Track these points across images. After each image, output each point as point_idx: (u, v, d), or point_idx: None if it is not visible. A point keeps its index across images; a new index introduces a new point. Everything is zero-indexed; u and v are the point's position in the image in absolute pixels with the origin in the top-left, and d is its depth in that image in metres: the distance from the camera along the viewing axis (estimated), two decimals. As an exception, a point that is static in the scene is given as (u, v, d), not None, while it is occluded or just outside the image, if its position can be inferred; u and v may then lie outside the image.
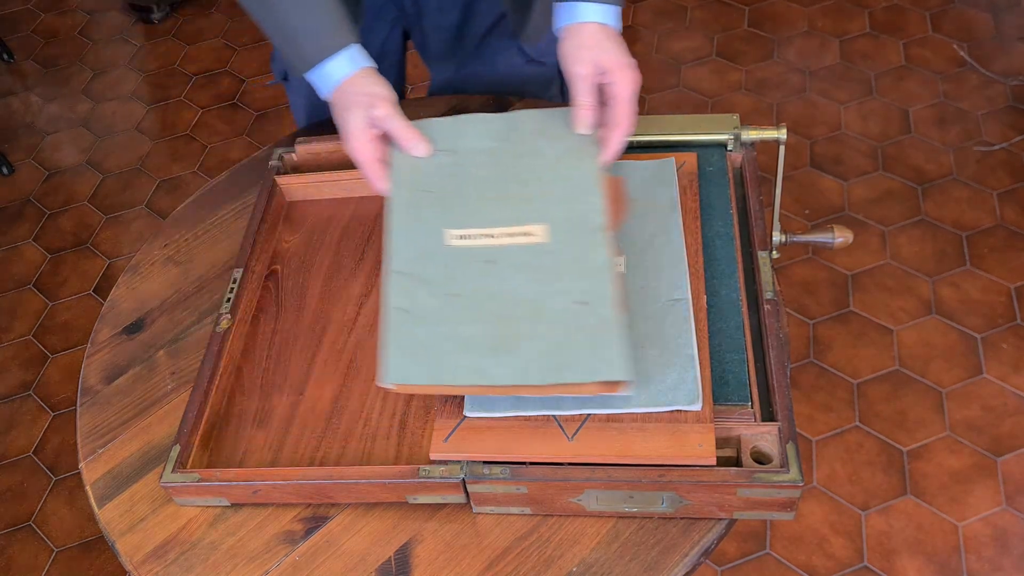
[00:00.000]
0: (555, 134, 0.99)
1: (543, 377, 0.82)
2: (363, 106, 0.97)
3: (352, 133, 0.97)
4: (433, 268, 0.91)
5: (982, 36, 2.52)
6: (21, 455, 1.94)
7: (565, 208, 0.93)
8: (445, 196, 0.97)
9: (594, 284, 0.87)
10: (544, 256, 0.90)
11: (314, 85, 1.01)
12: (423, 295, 0.89)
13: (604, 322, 0.85)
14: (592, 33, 0.97)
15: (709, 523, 0.87)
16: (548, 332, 0.85)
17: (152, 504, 0.93)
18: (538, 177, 0.96)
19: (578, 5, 0.98)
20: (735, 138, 1.08)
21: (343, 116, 0.98)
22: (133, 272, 1.16)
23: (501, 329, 0.86)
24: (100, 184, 2.47)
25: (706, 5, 2.71)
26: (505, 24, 1.24)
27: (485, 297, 0.89)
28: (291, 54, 1.01)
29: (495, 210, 0.95)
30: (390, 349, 0.86)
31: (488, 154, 0.99)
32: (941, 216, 2.12)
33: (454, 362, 0.85)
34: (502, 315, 0.87)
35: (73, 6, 3.05)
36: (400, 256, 0.93)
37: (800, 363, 1.90)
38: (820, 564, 1.64)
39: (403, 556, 0.87)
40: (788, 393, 0.87)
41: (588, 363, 0.83)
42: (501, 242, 0.92)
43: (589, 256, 0.89)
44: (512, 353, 0.84)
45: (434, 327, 0.87)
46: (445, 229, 0.94)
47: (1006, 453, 1.74)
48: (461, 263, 0.91)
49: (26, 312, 2.19)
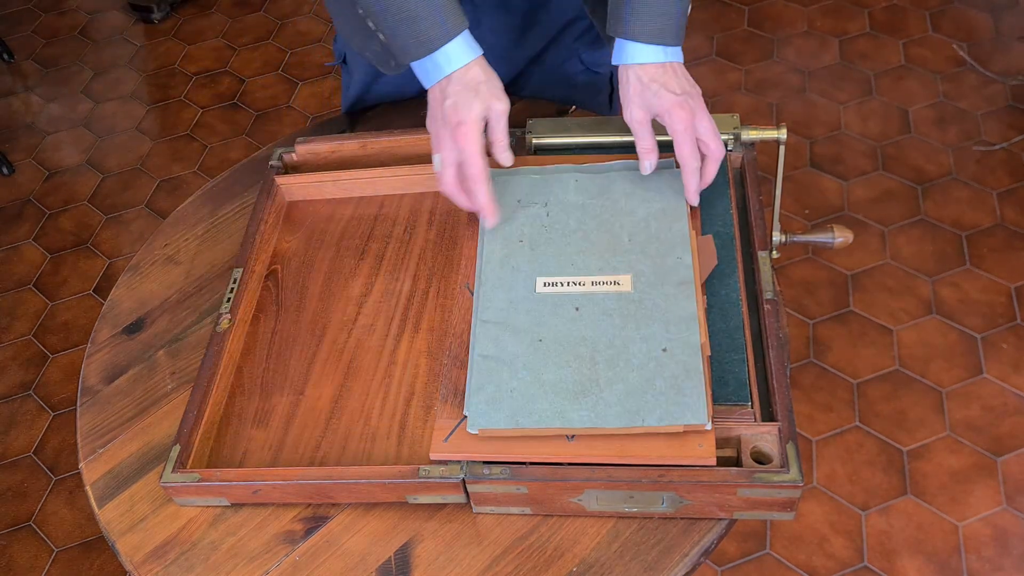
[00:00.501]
0: (646, 196, 1.02)
1: (623, 421, 0.84)
2: (486, 97, 0.95)
3: (470, 121, 0.95)
4: (521, 315, 0.94)
5: (982, 36, 2.52)
6: (21, 455, 1.94)
7: (654, 262, 0.96)
8: (537, 246, 0.99)
9: (679, 332, 0.89)
10: (630, 304, 0.93)
11: (422, 72, 0.98)
12: (509, 341, 0.91)
13: (685, 369, 0.86)
14: (636, 78, 0.98)
15: (709, 523, 0.87)
16: (630, 377, 0.87)
17: (152, 504, 0.93)
18: (629, 233, 0.99)
19: (628, 44, 0.98)
20: (735, 138, 1.08)
21: (463, 99, 0.95)
22: (133, 272, 1.16)
23: (583, 374, 0.88)
24: (100, 184, 2.47)
25: (706, 5, 2.71)
26: (570, 31, 1.24)
27: (569, 342, 0.91)
28: (407, 39, 0.96)
29: (585, 261, 0.97)
30: (474, 397, 0.88)
31: (580, 208, 1.02)
32: (941, 216, 2.12)
33: (536, 407, 0.86)
34: (585, 360, 0.89)
35: (73, 6, 3.05)
36: (489, 306, 0.95)
37: (800, 363, 1.91)
38: (820, 564, 1.64)
39: (403, 556, 0.87)
40: (788, 393, 0.87)
41: (668, 409, 0.84)
42: (588, 290, 0.95)
43: (675, 306, 0.91)
44: (593, 397, 0.86)
45: (518, 372, 0.89)
46: (536, 277, 0.97)
47: (1006, 453, 1.74)
48: (548, 309, 0.94)
49: (26, 312, 2.19)
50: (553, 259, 0.98)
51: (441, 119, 0.97)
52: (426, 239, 1.11)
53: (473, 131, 0.95)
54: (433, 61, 0.96)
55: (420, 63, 0.97)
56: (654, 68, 0.98)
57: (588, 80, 1.32)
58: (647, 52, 0.97)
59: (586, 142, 1.12)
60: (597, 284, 0.95)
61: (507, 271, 0.98)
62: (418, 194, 1.16)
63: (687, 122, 0.96)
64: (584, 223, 1.01)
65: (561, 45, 1.27)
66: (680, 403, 0.84)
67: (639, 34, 0.97)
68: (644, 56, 0.98)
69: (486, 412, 0.86)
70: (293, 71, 2.71)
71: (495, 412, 0.86)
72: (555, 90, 1.32)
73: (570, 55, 1.28)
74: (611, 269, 0.96)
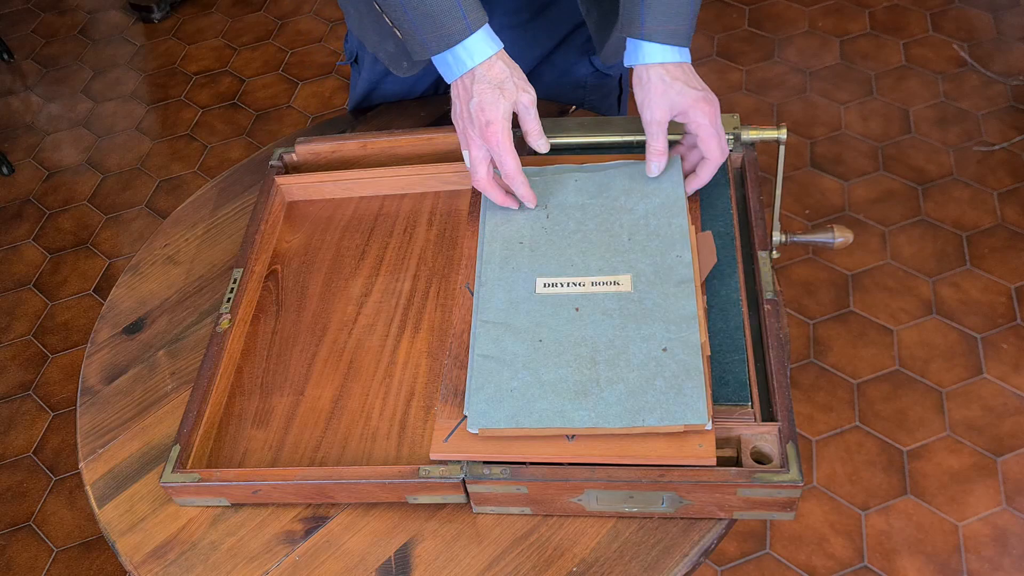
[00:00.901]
0: (644, 192, 1.02)
1: (623, 421, 0.84)
2: (512, 92, 0.95)
3: (498, 120, 0.94)
4: (521, 315, 0.94)
5: (982, 36, 2.52)
6: (21, 455, 1.94)
7: (654, 261, 0.96)
8: (537, 247, 0.99)
9: (679, 332, 0.89)
10: (630, 304, 0.92)
11: (443, 66, 0.97)
12: (509, 341, 0.91)
13: (685, 369, 0.86)
14: (659, 77, 0.97)
15: (709, 523, 0.87)
16: (630, 377, 0.87)
17: (152, 504, 0.93)
18: (628, 232, 0.99)
19: (643, 45, 0.97)
20: (735, 138, 1.08)
21: (488, 98, 0.95)
22: (133, 272, 1.16)
23: (583, 374, 0.88)
24: (100, 184, 2.47)
25: (706, 5, 2.71)
26: (579, 32, 1.24)
27: (570, 342, 0.90)
28: (427, 34, 0.95)
29: (585, 261, 0.97)
30: (474, 397, 0.88)
31: (580, 209, 1.02)
32: (941, 216, 2.12)
33: (536, 406, 0.86)
34: (585, 360, 0.89)
35: (73, 6, 3.05)
36: (489, 306, 0.95)
37: (800, 363, 1.90)
38: (820, 564, 1.64)
39: (403, 556, 0.87)
40: (788, 393, 0.87)
41: (668, 409, 0.84)
42: (588, 290, 0.94)
43: (676, 305, 0.91)
44: (593, 397, 0.86)
45: (518, 372, 0.89)
46: (536, 278, 0.96)
47: (1006, 453, 1.74)
48: (548, 310, 0.94)
49: (26, 312, 2.19)
50: (553, 260, 0.98)
51: (468, 118, 0.97)
52: (426, 239, 1.11)
53: (502, 130, 0.95)
54: (454, 55, 0.95)
55: (441, 57, 0.96)
56: (675, 67, 0.97)
57: (598, 82, 1.32)
58: (664, 52, 0.97)
59: (586, 142, 1.12)
60: (597, 284, 0.95)
61: (507, 272, 0.98)
62: (418, 194, 1.16)
63: (712, 116, 0.97)
64: (584, 224, 1.01)
65: (571, 46, 1.27)
66: (680, 403, 0.84)
67: (655, 35, 0.96)
68: (661, 56, 0.97)
69: (486, 412, 0.86)
70: (293, 71, 2.71)
71: (495, 412, 0.86)
72: (565, 92, 1.32)
73: (580, 57, 1.28)
74: (611, 269, 0.96)
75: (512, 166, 0.97)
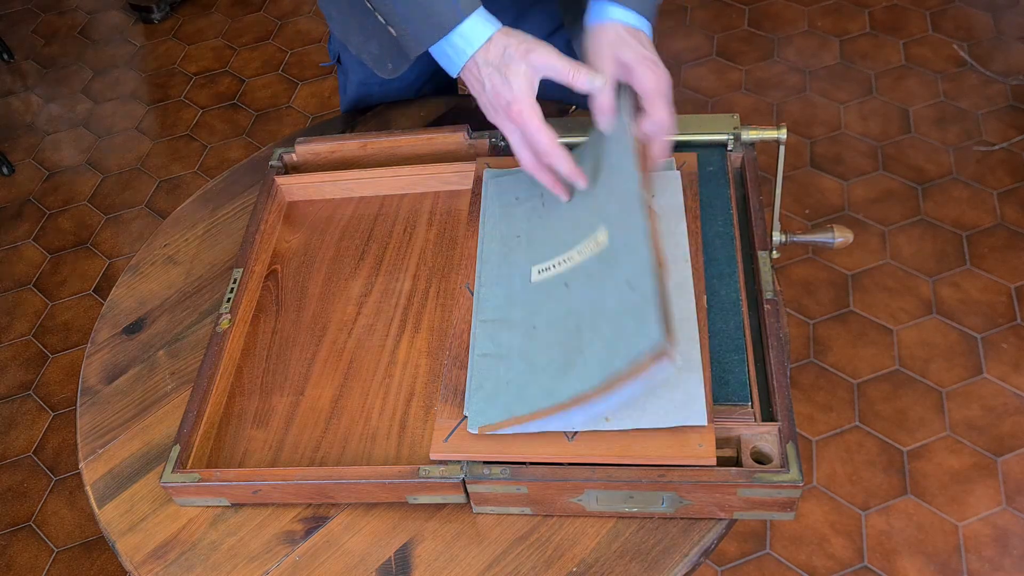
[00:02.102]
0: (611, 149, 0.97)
1: (601, 375, 0.81)
2: (518, 64, 0.90)
3: (517, 98, 0.90)
4: (517, 308, 0.93)
5: (982, 36, 2.52)
6: (21, 455, 1.94)
7: (615, 200, 0.92)
8: (533, 237, 0.98)
9: (636, 263, 0.85)
10: (608, 259, 0.89)
11: (443, 58, 0.94)
12: (506, 336, 0.91)
13: (644, 297, 0.82)
14: (616, 31, 0.94)
15: (709, 523, 0.87)
16: (605, 329, 0.84)
17: (152, 504, 0.93)
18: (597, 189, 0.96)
19: (607, 6, 0.95)
20: (735, 138, 1.08)
21: (497, 80, 0.91)
22: (133, 272, 1.16)
23: (570, 346, 0.86)
24: (100, 184, 2.47)
25: (706, 5, 2.71)
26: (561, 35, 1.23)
27: (559, 320, 0.89)
28: (420, 23, 0.92)
29: (572, 234, 0.95)
30: (473, 396, 0.88)
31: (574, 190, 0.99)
32: (941, 216, 2.12)
33: (528, 392, 0.85)
34: (571, 332, 0.87)
35: (73, 6, 3.05)
36: (488, 305, 0.95)
37: (800, 363, 1.90)
38: (820, 564, 1.64)
39: (403, 556, 0.87)
40: (788, 393, 0.87)
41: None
42: (576, 261, 0.92)
43: (632, 235, 0.87)
44: (577, 364, 0.84)
45: (514, 363, 0.88)
46: (531, 268, 0.96)
47: (1006, 453, 1.74)
48: (542, 296, 0.92)
49: (26, 312, 2.19)
50: (548, 245, 0.96)
51: (491, 107, 0.94)
52: (426, 239, 1.11)
53: (525, 107, 0.91)
54: (451, 43, 0.92)
55: (439, 48, 0.94)
56: (624, 29, 0.94)
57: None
58: (625, 14, 0.95)
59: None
60: (583, 252, 0.92)
61: (505, 268, 0.97)
62: (418, 194, 1.16)
63: (664, 81, 0.93)
64: (575, 200, 0.98)
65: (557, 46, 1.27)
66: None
67: None
68: (623, 16, 0.95)
69: (484, 409, 0.86)
70: (293, 71, 2.71)
71: (491, 407, 0.86)
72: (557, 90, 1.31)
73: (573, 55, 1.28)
74: (589, 227, 0.93)
75: (545, 142, 0.92)
